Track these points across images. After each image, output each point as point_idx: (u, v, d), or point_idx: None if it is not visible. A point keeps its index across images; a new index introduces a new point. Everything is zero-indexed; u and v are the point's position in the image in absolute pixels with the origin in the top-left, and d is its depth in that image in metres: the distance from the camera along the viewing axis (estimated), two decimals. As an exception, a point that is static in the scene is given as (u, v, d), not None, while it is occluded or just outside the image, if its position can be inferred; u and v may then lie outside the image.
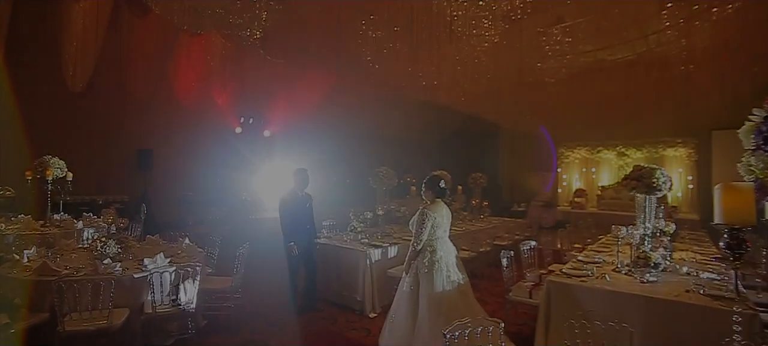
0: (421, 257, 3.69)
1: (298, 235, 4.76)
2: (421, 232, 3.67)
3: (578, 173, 13.76)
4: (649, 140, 12.55)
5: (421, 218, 3.68)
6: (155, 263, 3.68)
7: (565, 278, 3.70)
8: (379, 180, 5.96)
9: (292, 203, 4.77)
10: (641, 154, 12.74)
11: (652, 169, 4.02)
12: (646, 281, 3.58)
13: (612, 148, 13.16)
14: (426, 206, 3.77)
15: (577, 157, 13.80)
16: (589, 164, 13.60)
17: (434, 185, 3.83)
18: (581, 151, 13.69)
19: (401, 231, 6.35)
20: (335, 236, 5.92)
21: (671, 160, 12.38)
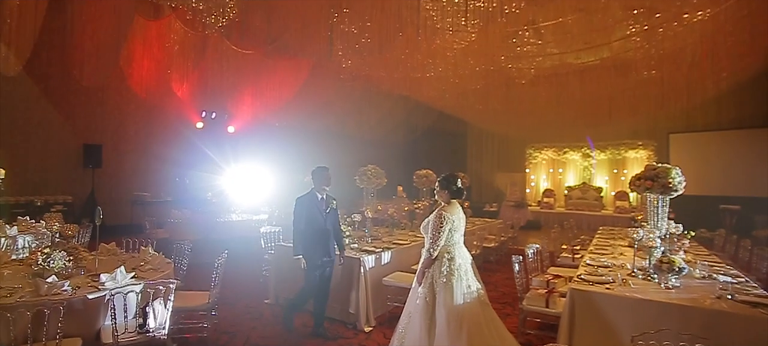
0: (438, 265, 3.22)
1: (311, 245, 3.98)
2: (439, 236, 3.20)
3: (545, 174, 13.88)
4: (613, 142, 12.85)
5: (438, 221, 3.21)
6: (115, 279, 2.97)
7: (588, 286, 3.37)
8: (366, 179, 5.45)
9: (309, 206, 4.01)
10: (605, 155, 13.03)
11: (668, 169, 3.78)
12: (670, 287, 3.32)
13: (577, 150, 13.37)
14: (442, 208, 3.30)
15: (544, 158, 13.93)
16: (556, 165, 13.76)
17: (450, 184, 3.37)
18: (548, 152, 13.83)
19: (389, 234, 5.86)
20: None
21: (632, 161, 12.73)
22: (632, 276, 3.70)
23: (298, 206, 4.02)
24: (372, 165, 5.56)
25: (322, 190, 4.08)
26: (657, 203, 3.90)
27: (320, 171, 4.10)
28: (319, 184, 4.07)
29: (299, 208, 4.00)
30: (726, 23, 7.66)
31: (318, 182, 4.08)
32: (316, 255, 4.00)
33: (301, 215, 3.98)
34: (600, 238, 6.12)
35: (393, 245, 5.14)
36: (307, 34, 9.15)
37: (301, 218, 3.98)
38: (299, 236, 3.98)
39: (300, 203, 4.03)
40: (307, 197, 4.06)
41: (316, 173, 4.10)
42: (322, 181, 4.08)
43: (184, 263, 4.21)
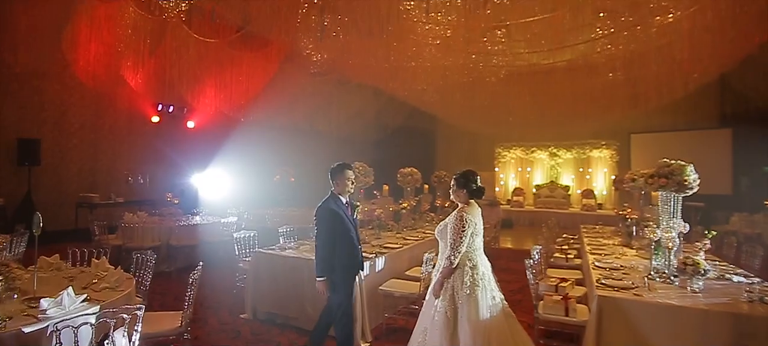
0: (459, 275, 2.79)
1: (346, 261, 3.21)
2: (460, 242, 2.76)
3: (514, 172, 13.91)
4: (578, 142, 13.06)
5: (460, 224, 2.78)
6: (61, 305, 2.30)
7: (615, 292, 3.06)
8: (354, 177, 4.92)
9: (340, 215, 3.20)
10: (570, 154, 13.21)
11: (682, 166, 3.56)
12: (697, 290, 3.09)
13: (545, 149, 13.49)
14: (462, 209, 2.87)
15: (512, 157, 13.96)
16: (525, 164, 13.82)
17: (469, 182, 2.94)
18: (517, 151, 13.87)
19: (377, 237, 5.38)
20: (301, 245, 4.76)
21: (596, 160, 12.99)
22: (649, 279, 3.45)
23: (327, 216, 3.17)
24: (360, 162, 5.05)
25: (346, 192, 3.32)
26: (670, 201, 3.67)
27: (341, 169, 3.29)
28: (342, 185, 3.28)
29: (329, 219, 3.16)
30: (686, 30, 7.77)
31: (340, 183, 3.28)
32: (351, 274, 3.27)
33: (332, 228, 3.16)
34: (589, 237, 5.94)
35: (384, 249, 4.66)
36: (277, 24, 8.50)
37: (331, 232, 3.15)
38: (328, 253, 3.14)
39: (328, 212, 3.17)
40: (334, 204, 3.23)
41: (337, 171, 3.29)
42: (344, 181, 3.29)
43: (147, 277, 3.51)
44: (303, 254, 4.29)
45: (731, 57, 8.17)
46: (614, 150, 12.72)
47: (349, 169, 3.32)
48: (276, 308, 4.26)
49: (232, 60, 9.18)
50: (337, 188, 3.29)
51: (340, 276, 3.17)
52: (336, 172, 3.30)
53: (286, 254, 4.32)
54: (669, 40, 8.29)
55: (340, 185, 3.28)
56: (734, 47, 7.69)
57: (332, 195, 3.29)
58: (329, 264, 3.15)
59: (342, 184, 3.28)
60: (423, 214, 6.55)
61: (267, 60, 9.53)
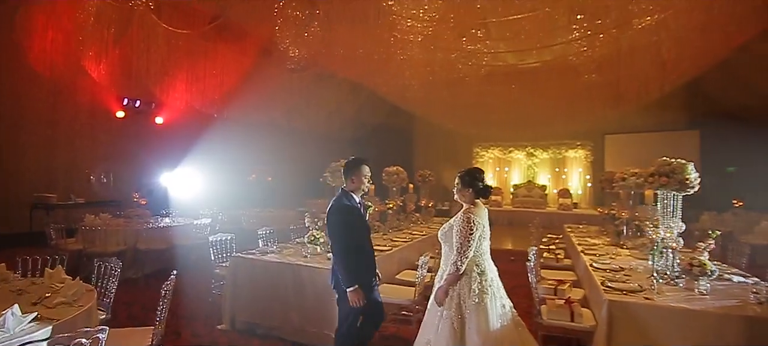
0: (466, 282, 2.54)
1: (362, 266, 2.86)
2: (468, 246, 2.52)
3: (492, 172, 13.89)
4: (554, 142, 13.17)
5: (467, 227, 2.53)
6: (4, 327, 1.90)
7: (624, 296, 2.90)
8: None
9: (357, 215, 2.88)
10: (547, 154, 13.31)
11: (684, 165, 3.46)
12: (705, 292, 2.97)
13: (522, 149, 13.54)
14: (468, 210, 2.63)
15: (490, 157, 13.96)
16: (502, 164, 13.83)
17: (475, 181, 2.70)
18: (494, 151, 13.87)
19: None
20: (284, 248, 4.42)
21: (572, 160, 13.14)
22: (657, 281, 3.32)
23: (345, 214, 2.81)
24: (376, 151, 4.73)
25: (361, 190, 2.96)
26: (672, 200, 3.56)
27: (357, 164, 2.93)
28: (358, 182, 2.92)
29: (347, 217, 2.81)
30: (662, 35, 7.87)
31: (356, 179, 2.91)
32: (369, 279, 2.89)
33: (353, 227, 2.82)
34: (577, 237, 5.86)
35: (374, 250, 4.37)
36: (254, 15, 8.08)
37: (353, 230, 2.81)
38: (355, 257, 2.78)
39: (344, 210, 2.82)
40: (350, 201, 2.87)
41: (353, 166, 2.93)
42: (361, 177, 2.91)
43: (112, 287, 3.09)
44: (286, 258, 3.95)
45: (705, 62, 8.31)
46: (589, 150, 12.90)
47: (366, 165, 2.97)
48: (257, 318, 3.90)
49: (205, 52, 8.67)
50: (351, 185, 2.93)
51: (362, 281, 2.82)
52: (352, 167, 2.94)
53: (268, 259, 3.97)
54: (645, 43, 8.39)
55: (356, 181, 2.92)
56: (708, 52, 7.82)
57: (344, 193, 2.91)
58: (355, 271, 2.77)
59: (358, 180, 2.92)
60: (408, 214, 6.30)
61: (242, 53, 9.06)
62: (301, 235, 5.29)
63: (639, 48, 8.65)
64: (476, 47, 10.34)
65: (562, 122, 12.10)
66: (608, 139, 12.88)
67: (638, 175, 5.01)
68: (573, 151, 13.06)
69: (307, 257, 4.00)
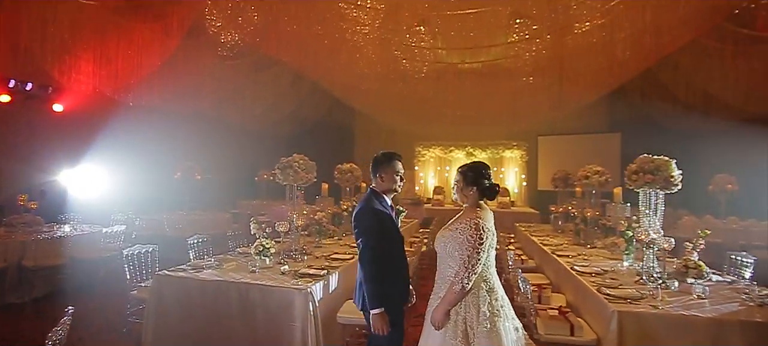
0: (473, 303, 2.02)
1: (391, 283, 2.29)
2: (477, 259, 2.00)
3: (433, 171, 13.77)
4: (492, 142, 13.35)
5: (475, 235, 2.01)
6: None
7: (631, 305, 2.58)
8: (292, 174, 3.87)
9: (381, 223, 2.29)
10: (486, 154, 13.46)
11: (667, 162, 3.28)
12: (703, 296, 2.76)
13: (462, 148, 13.55)
14: (473, 213, 2.11)
15: (432, 156, 13.81)
16: (443, 163, 13.75)
17: (480, 177, 2.20)
18: (436, 150, 13.75)
19: (318, 245, 4.40)
20: (223, 262, 3.60)
21: (508, 160, 13.42)
22: (641, 284, 3.09)
23: (375, 220, 2.26)
24: (299, 154, 4.02)
25: (393, 190, 2.41)
26: (654, 199, 3.37)
27: (389, 159, 2.39)
28: (390, 180, 2.38)
29: (378, 224, 2.26)
30: (593, 43, 8.11)
31: (388, 178, 2.37)
32: (398, 299, 2.36)
33: (383, 237, 2.26)
34: (538, 237, 5.65)
35: (333, 261, 3.72)
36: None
37: (384, 241, 2.26)
38: (384, 271, 2.22)
39: (374, 216, 2.27)
40: (381, 205, 2.33)
41: (384, 162, 2.39)
42: (393, 175, 2.38)
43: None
44: (229, 275, 3.17)
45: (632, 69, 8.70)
46: (524, 151, 13.25)
47: (399, 160, 2.41)
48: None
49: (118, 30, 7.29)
50: (381, 184, 2.37)
51: (391, 302, 2.29)
52: (382, 162, 2.39)
53: (205, 277, 3.14)
54: (580, 49, 8.60)
55: (387, 179, 2.37)
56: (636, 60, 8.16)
57: (374, 193, 2.37)
58: (382, 290, 2.21)
59: (389, 179, 2.37)
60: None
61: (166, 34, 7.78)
62: (240, 242, 4.48)
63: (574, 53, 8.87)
64: (420, 44, 10.09)
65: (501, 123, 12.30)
66: (541, 140, 13.33)
67: (601, 173, 4.92)
68: (510, 152, 13.34)
69: (255, 272, 3.24)
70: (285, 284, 2.96)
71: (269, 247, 3.41)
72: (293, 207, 3.92)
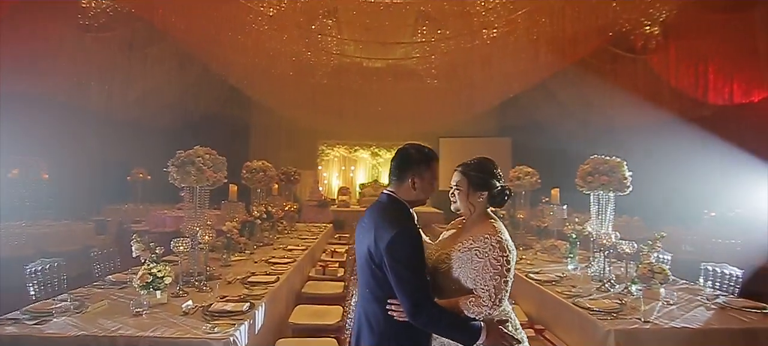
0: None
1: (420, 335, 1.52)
2: (504, 287, 1.44)
3: (337, 171, 13.12)
4: (396, 143, 13.17)
5: (501, 257, 1.45)
6: None
7: (622, 322, 2.29)
8: (194, 173, 2.82)
9: (421, 253, 1.52)
10: (390, 154, 13.24)
11: (619, 162, 3.18)
12: (671, 301, 2.64)
13: (367, 148, 13.18)
14: (493, 229, 1.53)
15: (336, 155, 13.16)
16: (348, 163, 13.19)
17: (489, 178, 1.64)
18: (340, 149, 13.13)
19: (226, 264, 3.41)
20: (86, 301, 2.44)
21: (412, 160, 13.45)
22: (604, 291, 2.89)
23: (419, 249, 1.53)
24: (203, 147, 3.00)
25: (420, 204, 1.68)
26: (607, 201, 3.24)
27: (427, 159, 1.68)
28: (426, 188, 1.67)
29: (421, 253, 1.54)
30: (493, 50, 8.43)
31: (424, 185, 1.66)
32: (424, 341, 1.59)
33: (421, 266, 1.51)
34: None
35: (253, 287, 2.82)
36: None
37: (421, 269, 1.51)
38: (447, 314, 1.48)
39: (418, 243, 1.53)
40: (414, 222, 1.61)
41: (420, 162, 1.66)
42: (430, 182, 1.67)
43: None
44: (98, 325, 2.09)
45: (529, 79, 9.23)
46: (426, 151, 13.40)
47: (437, 161, 1.68)
48: None
49: None
50: (411, 193, 1.63)
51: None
52: (419, 162, 1.64)
53: (55, 331, 2.01)
54: (483, 56, 8.84)
55: (422, 187, 1.63)
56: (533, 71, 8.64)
57: (403, 205, 1.62)
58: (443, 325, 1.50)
59: (426, 186, 1.65)
60: (276, 222, 4.76)
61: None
62: (111, 264, 3.27)
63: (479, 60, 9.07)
64: (326, 38, 9.44)
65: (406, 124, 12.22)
66: (442, 141, 13.61)
67: (532, 174, 4.83)
68: (413, 152, 13.37)
69: (142, 315, 2.22)
70: (193, 332, 2.02)
71: (163, 275, 2.39)
72: (197, 217, 2.91)
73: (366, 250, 1.53)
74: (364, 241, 1.57)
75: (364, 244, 1.55)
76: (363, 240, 1.58)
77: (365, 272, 1.56)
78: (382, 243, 1.45)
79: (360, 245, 1.61)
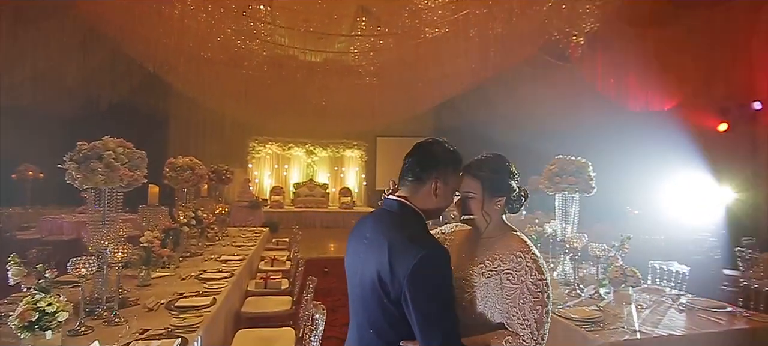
0: None
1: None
2: (546, 319, 1.13)
3: (270, 170, 12.26)
4: (333, 141, 12.72)
5: (540, 280, 1.14)
6: None
7: (611, 333, 2.13)
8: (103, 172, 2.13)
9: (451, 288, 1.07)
10: (326, 153, 12.77)
11: (585, 163, 3.10)
12: (644, 305, 2.57)
13: (302, 146, 12.51)
14: (522, 244, 1.20)
15: (268, 153, 12.30)
16: (281, 161, 12.40)
17: (507, 179, 1.31)
18: (273, 146, 12.30)
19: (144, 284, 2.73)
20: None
21: (349, 160, 13.05)
22: (576, 296, 2.77)
23: (447, 273, 1.09)
24: (110, 137, 2.32)
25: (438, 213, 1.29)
26: (569, 202, 3.14)
27: (455, 163, 1.30)
28: (445, 199, 1.26)
29: (448, 286, 1.09)
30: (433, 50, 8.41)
31: (444, 193, 1.25)
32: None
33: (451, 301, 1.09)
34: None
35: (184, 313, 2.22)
36: None
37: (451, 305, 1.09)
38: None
39: (445, 262, 1.08)
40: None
41: (448, 164, 1.27)
42: (452, 190, 1.29)
43: None
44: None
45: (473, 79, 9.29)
46: (363, 151, 13.06)
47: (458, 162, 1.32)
48: None
49: None
50: (432, 201, 1.25)
51: None
52: (448, 164, 1.28)
53: None
54: (421, 55, 8.74)
55: (446, 196, 1.27)
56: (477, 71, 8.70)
57: (420, 216, 1.23)
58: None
59: (448, 195, 1.28)
60: (206, 229, 4.06)
61: None
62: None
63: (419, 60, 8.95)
64: (259, 25, 8.70)
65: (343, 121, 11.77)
66: (380, 140, 13.39)
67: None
68: (350, 151, 12.96)
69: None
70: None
71: (55, 310, 1.73)
72: (106, 227, 2.23)
73: (375, 276, 1.11)
74: (369, 263, 1.15)
75: (371, 267, 1.14)
76: (368, 261, 1.16)
77: (370, 305, 1.15)
78: (403, 269, 1.05)
79: (362, 267, 1.19)
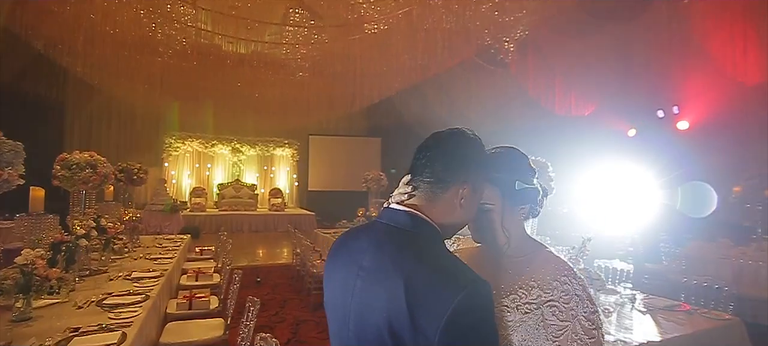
0: None
1: None
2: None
3: (190, 169, 11.06)
4: (262, 139, 11.88)
5: (593, 315, 0.86)
6: None
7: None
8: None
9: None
10: (255, 151, 11.90)
11: (545, 162, 2.98)
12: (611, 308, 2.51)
13: (227, 143, 11.49)
14: (563, 265, 0.92)
15: (188, 150, 11.09)
16: (204, 159, 11.26)
17: (531, 176, 1.02)
18: (194, 144, 11.12)
19: (19, 323, 2.04)
20: None
21: (279, 159, 12.31)
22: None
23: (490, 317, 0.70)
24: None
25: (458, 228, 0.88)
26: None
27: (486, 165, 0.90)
28: (470, 211, 0.87)
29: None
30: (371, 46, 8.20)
31: (470, 204, 0.86)
32: None
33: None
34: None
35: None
36: None
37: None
38: None
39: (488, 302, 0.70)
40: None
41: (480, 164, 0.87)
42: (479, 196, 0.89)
43: None
44: None
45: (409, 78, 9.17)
46: (295, 149, 12.38)
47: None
48: None
49: None
50: (454, 214, 0.84)
51: None
52: (478, 164, 0.88)
53: None
54: (356, 53, 8.47)
55: (471, 209, 0.88)
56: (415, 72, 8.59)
57: (439, 237, 0.83)
58: None
59: (473, 207, 0.89)
60: (110, 240, 3.28)
61: None
62: None
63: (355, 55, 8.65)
64: (178, 9, 7.80)
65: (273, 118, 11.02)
66: (312, 139, 12.81)
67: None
68: (281, 149, 12.19)
69: None
70: None
71: None
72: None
73: (383, 328, 0.74)
74: (372, 307, 0.77)
75: (376, 315, 0.76)
76: (369, 304, 0.78)
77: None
78: (433, 318, 0.69)
79: (360, 310, 0.79)
